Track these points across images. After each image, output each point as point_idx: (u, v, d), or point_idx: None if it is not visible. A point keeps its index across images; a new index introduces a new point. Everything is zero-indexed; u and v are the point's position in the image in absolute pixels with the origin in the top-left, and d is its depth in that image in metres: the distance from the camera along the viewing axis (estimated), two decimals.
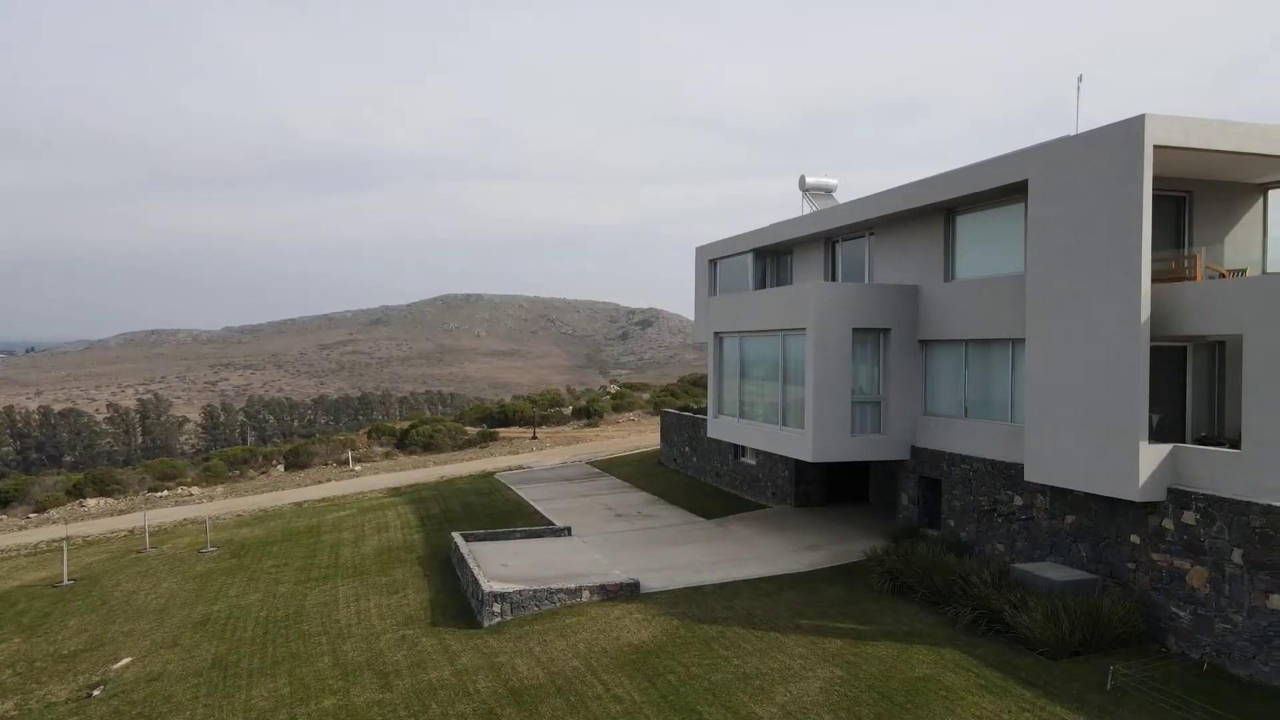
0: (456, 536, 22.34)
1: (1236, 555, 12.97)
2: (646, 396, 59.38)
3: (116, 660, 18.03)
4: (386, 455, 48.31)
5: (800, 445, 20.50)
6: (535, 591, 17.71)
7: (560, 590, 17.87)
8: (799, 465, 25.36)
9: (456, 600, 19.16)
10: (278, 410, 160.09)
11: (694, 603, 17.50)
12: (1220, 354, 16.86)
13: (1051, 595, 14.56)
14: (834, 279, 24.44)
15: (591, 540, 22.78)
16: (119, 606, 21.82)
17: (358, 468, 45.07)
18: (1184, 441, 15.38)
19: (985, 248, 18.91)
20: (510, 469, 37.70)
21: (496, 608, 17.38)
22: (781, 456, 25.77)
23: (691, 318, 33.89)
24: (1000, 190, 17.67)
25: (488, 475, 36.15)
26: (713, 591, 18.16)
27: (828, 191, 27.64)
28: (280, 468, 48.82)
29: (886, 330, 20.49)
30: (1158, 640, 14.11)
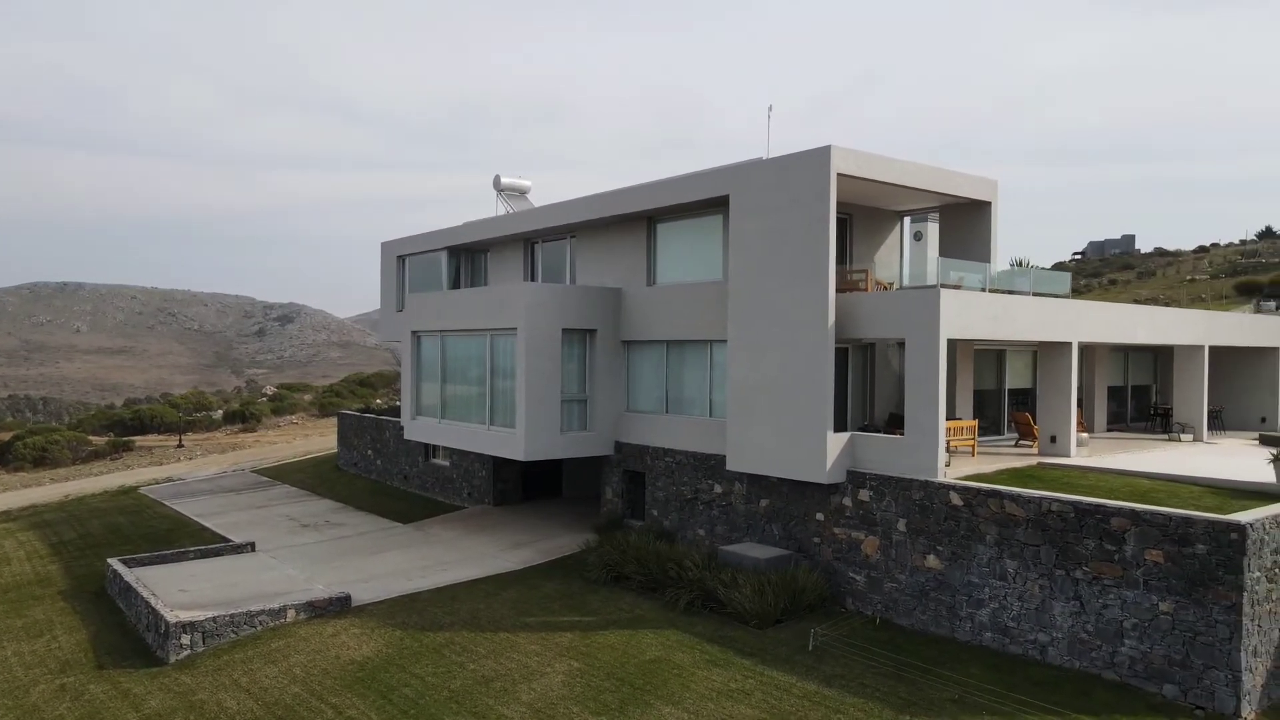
0: (115, 563, 19.36)
1: (901, 525, 15.39)
2: (309, 398, 55.44)
3: None
4: None
5: (511, 444, 20.59)
6: (232, 616, 15.94)
7: (262, 612, 16.27)
8: (496, 464, 25.42)
9: (126, 637, 16.63)
10: None
11: (413, 611, 16.88)
12: (871, 354, 19.81)
13: (756, 572, 16.17)
14: (533, 279, 24.85)
15: (281, 555, 20.97)
16: None
17: None
18: (846, 429, 17.83)
19: (686, 255, 20.41)
20: (158, 482, 33.32)
21: (185, 639, 15.39)
22: (478, 456, 25.67)
23: (339, 315, 32.40)
24: (702, 203, 19.21)
25: (130, 490, 31.63)
26: (430, 597, 17.65)
27: (522, 193, 27.99)
28: None
29: (593, 331, 21.29)
30: (839, 603, 16.27)
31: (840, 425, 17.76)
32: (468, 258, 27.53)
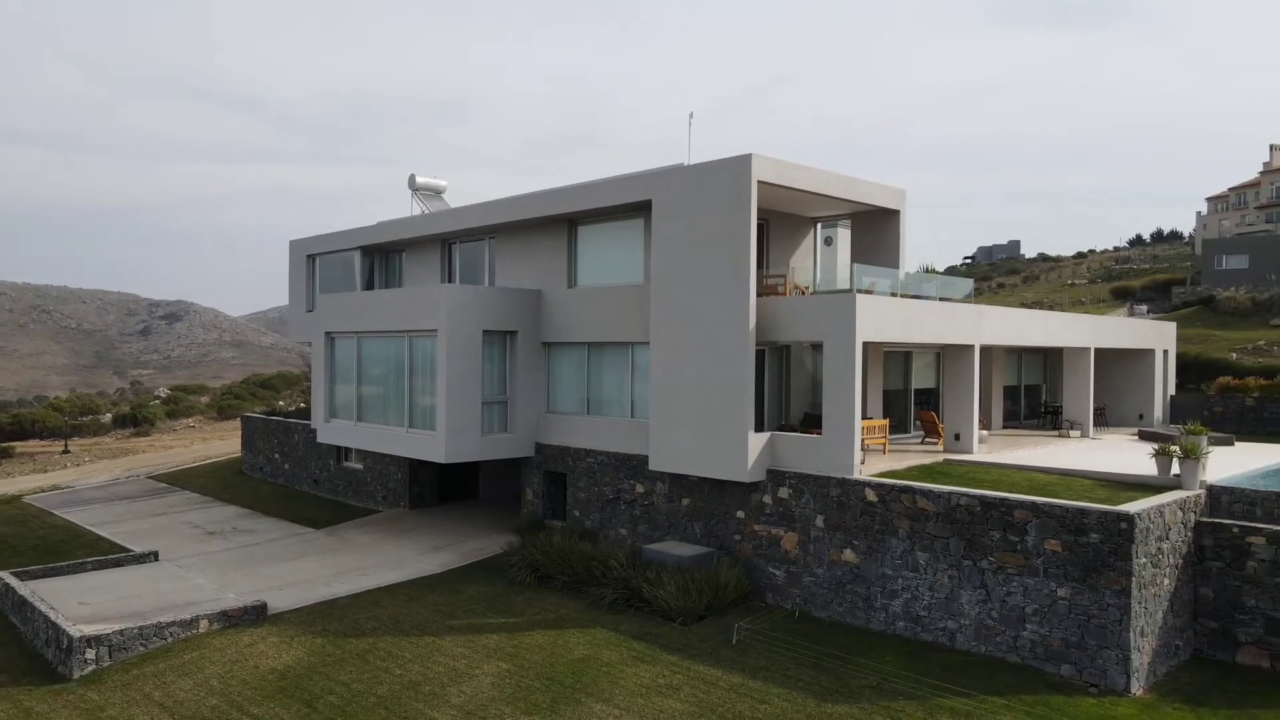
0: (7, 576, 18.38)
1: (820, 521, 15.99)
2: (206, 400, 53.17)
3: None
4: None
5: (431, 447, 20.41)
6: (141, 629, 15.37)
7: (172, 623, 15.73)
8: (412, 466, 25.12)
9: (21, 654, 15.83)
10: None
11: (333, 617, 16.60)
12: (787, 356, 20.42)
13: (680, 570, 16.51)
14: (451, 280, 24.64)
15: (188, 564, 20.26)
16: None
17: None
18: (763, 429, 18.35)
19: (607, 258, 20.62)
20: (45, 490, 31.55)
21: (90, 654, 14.76)
22: (393, 458, 25.33)
23: (231, 313, 31.48)
24: (624, 207, 19.45)
25: (14, 499, 29.87)
26: (349, 603, 17.38)
27: (438, 192, 27.70)
28: None
29: (513, 333, 21.29)
30: (759, 597, 16.77)
31: (759, 425, 18.26)
32: (382, 258, 27.08)
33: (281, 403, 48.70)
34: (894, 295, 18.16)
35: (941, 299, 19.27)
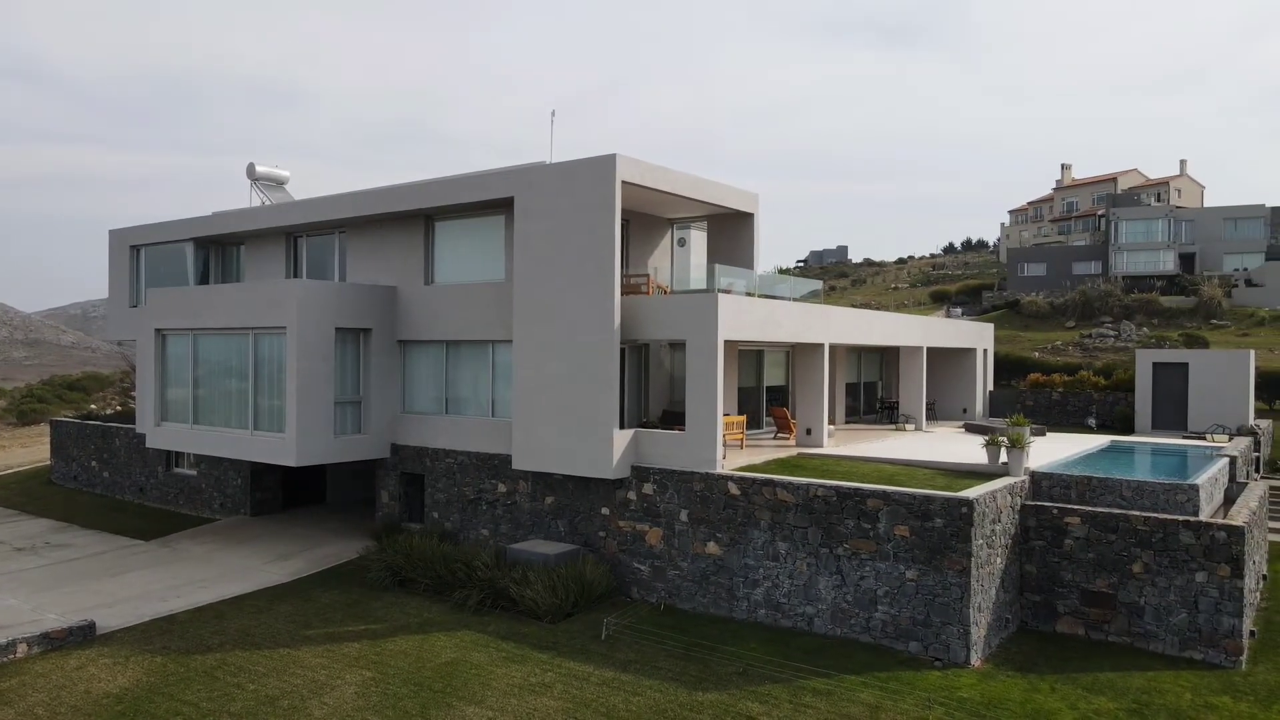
0: None
1: (684, 515, 16.37)
2: (3, 405, 48.08)
3: None
4: None
5: (281, 450, 19.38)
6: None
7: None
8: (255, 471, 23.78)
9: None
10: None
11: (173, 634, 15.50)
12: (646, 354, 20.77)
13: (546, 568, 16.48)
14: (298, 276, 23.49)
15: None
16: None
17: None
18: (625, 427, 18.60)
19: (466, 255, 20.25)
20: None
21: None
22: (232, 463, 23.91)
23: (23, 309, 28.92)
24: (484, 204, 19.19)
25: None
26: (190, 619, 16.28)
27: (280, 183, 26.33)
28: None
29: (368, 330, 20.55)
30: (625, 593, 16.99)
31: (622, 423, 18.46)
32: (218, 251, 25.43)
33: (94, 406, 44.77)
34: (750, 295, 18.83)
35: (795, 299, 20.15)
